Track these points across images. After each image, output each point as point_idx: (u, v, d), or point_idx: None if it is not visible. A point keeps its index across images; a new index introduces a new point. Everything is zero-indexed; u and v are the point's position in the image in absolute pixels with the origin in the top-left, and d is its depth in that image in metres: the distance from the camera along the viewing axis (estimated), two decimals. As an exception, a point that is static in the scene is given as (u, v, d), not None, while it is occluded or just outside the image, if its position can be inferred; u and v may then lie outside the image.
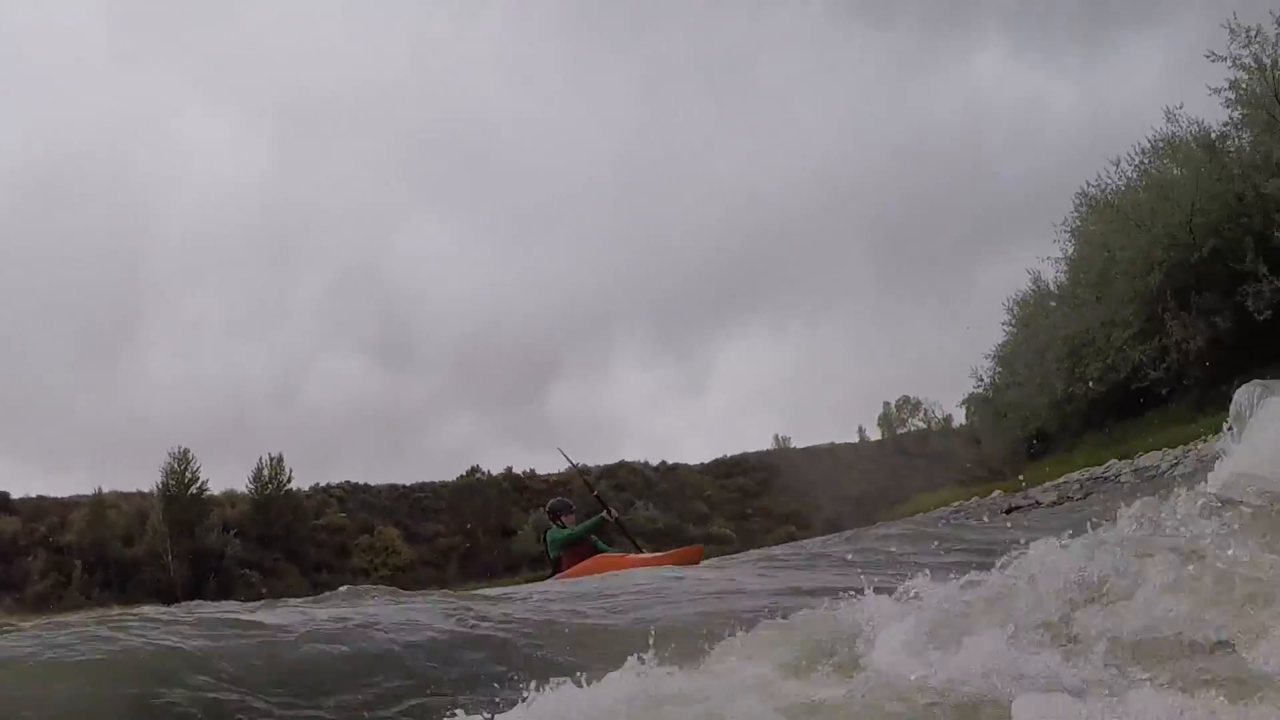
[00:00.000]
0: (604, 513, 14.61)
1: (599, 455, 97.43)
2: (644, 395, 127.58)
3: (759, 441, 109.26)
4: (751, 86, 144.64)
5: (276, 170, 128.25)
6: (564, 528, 14.63)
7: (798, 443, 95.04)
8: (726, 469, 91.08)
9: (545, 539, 14.81)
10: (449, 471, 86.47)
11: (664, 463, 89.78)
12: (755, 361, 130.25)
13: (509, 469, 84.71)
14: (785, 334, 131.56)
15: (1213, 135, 39.17)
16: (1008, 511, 31.27)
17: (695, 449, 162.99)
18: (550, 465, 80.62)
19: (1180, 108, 39.79)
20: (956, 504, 43.14)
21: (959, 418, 78.14)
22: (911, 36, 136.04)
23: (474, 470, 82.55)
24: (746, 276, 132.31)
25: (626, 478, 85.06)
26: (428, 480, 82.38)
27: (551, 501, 15.39)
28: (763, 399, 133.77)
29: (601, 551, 14.46)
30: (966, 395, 63.86)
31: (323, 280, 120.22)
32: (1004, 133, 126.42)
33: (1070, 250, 46.57)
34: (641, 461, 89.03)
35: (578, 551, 14.29)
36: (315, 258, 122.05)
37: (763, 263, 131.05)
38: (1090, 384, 43.39)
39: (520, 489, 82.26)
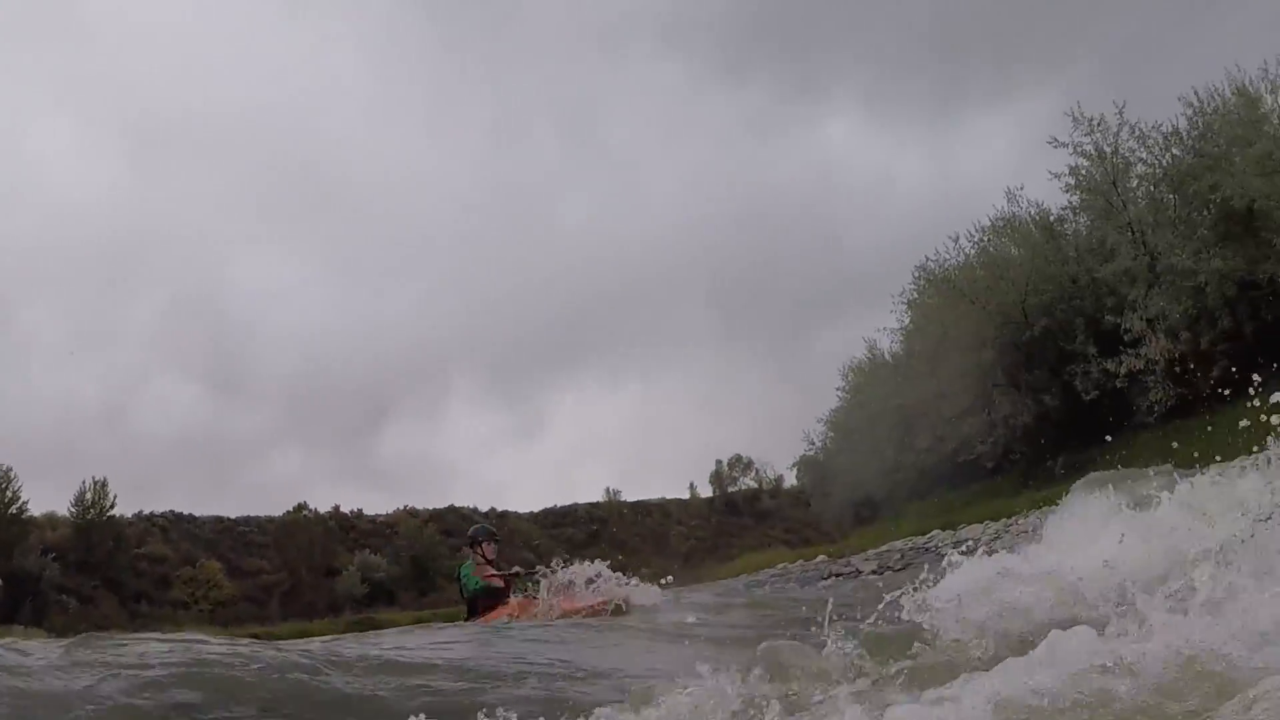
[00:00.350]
0: (534, 570, 12.94)
1: (429, 498, 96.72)
2: (477, 440, 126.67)
3: (590, 493, 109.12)
4: (602, 138, 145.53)
5: (122, 190, 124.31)
6: (485, 561, 13.16)
7: (629, 496, 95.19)
8: (556, 519, 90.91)
9: (459, 572, 13.23)
10: (276, 506, 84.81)
11: (494, 509, 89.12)
12: (591, 412, 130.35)
13: (336, 507, 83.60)
14: (622, 386, 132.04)
15: (1051, 218, 40.22)
16: (826, 578, 31.75)
17: (526, 497, 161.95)
18: (378, 506, 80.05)
19: (1021, 189, 40.84)
20: (781, 566, 43.41)
21: (791, 479, 78.71)
22: (765, 98, 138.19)
23: (301, 507, 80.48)
24: (586, 327, 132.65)
25: (455, 522, 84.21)
26: (253, 514, 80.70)
27: (473, 528, 13.90)
28: (596, 450, 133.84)
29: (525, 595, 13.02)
30: (799, 457, 64.61)
31: (159, 304, 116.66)
32: (851, 201, 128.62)
33: (907, 322, 47.10)
34: (471, 507, 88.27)
35: (498, 595, 12.96)
36: (154, 281, 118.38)
37: (603, 315, 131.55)
38: (919, 454, 44.33)
39: (347, 529, 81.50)
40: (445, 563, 77.24)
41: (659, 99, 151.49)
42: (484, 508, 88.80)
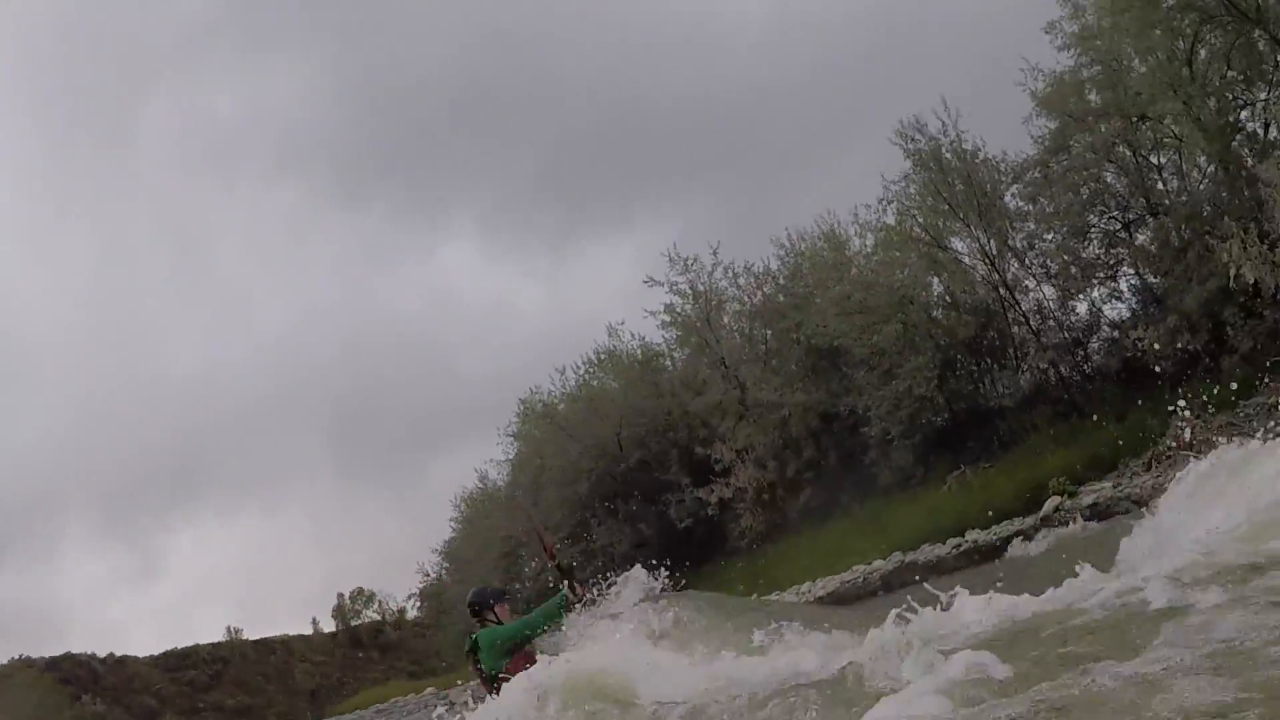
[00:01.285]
0: (566, 589, 9.63)
1: (43, 646, 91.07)
2: (93, 582, 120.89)
3: (212, 632, 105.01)
4: (213, 267, 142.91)
5: None
6: (498, 623, 9.83)
7: (251, 633, 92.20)
8: (177, 661, 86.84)
9: (473, 645, 9.69)
10: None
11: (111, 655, 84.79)
12: (210, 548, 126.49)
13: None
14: (241, 521, 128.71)
15: (651, 352, 41.06)
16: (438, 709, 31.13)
17: (146, 639, 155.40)
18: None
19: (622, 323, 41.89)
20: (394, 700, 42.61)
21: (412, 610, 77.55)
22: (384, 224, 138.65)
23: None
24: (202, 460, 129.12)
25: (73, 670, 79.73)
26: None
27: (471, 593, 10.17)
28: (217, 587, 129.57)
29: None
30: (418, 589, 63.77)
31: None
32: (468, 329, 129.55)
33: (512, 454, 47.32)
34: (88, 654, 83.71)
35: (527, 653, 9.46)
36: None
37: (218, 448, 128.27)
38: (527, 582, 44.26)
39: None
40: (65, 715, 73.24)
41: (273, 225, 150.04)
42: (102, 653, 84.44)
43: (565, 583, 9.58)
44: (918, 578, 8.83)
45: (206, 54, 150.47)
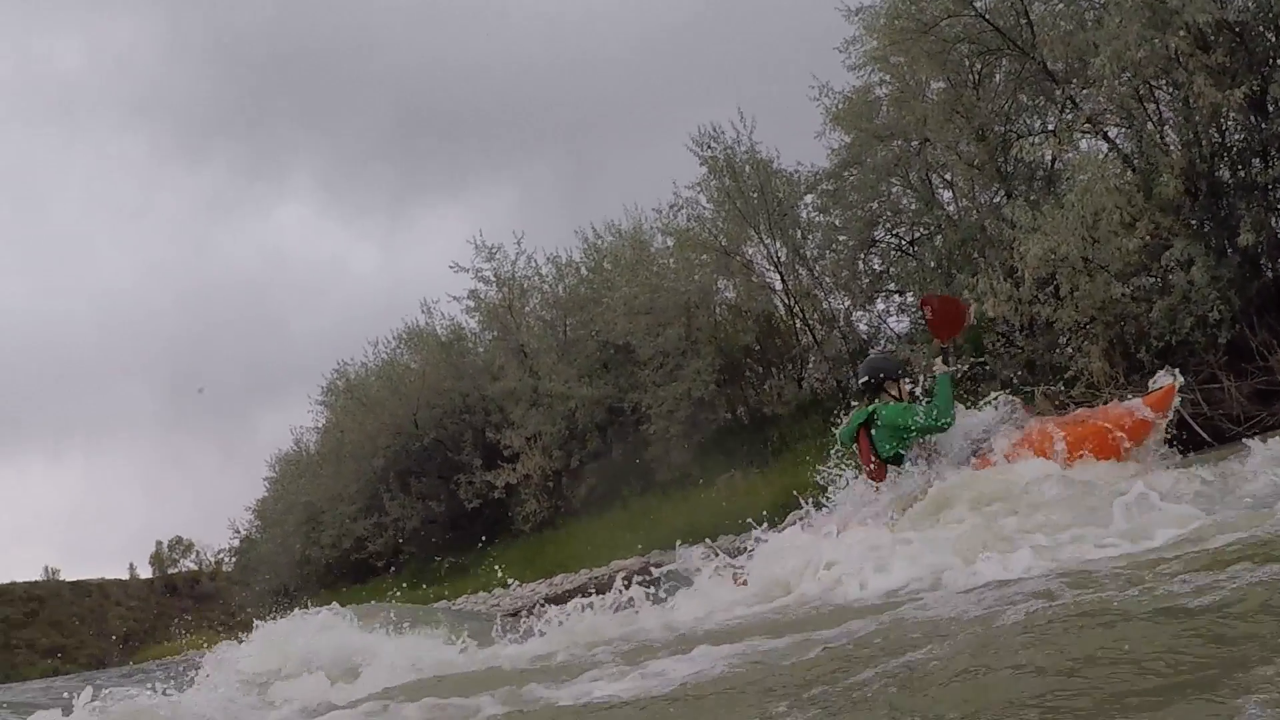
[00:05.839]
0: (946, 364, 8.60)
1: None
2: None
3: (29, 571, 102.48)
4: (52, 215, 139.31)
5: None
6: (898, 402, 8.60)
7: (68, 575, 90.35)
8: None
9: (867, 419, 8.59)
10: None
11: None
12: (30, 488, 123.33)
13: None
14: (64, 466, 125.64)
15: (456, 334, 40.63)
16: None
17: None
18: None
19: (437, 302, 41.61)
20: (187, 653, 42.03)
21: (228, 564, 76.85)
22: (223, 180, 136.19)
23: None
24: (28, 405, 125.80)
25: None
26: None
27: (874, 358, 8.91)
28: (36, 528, 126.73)
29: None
30: (228, 545, 63.37)
31: None
32: (299, 286, 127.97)
33: (321, 421, 46.97)
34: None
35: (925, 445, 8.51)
36: None
37: (46, 394, 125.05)
38: (324, 549, 44.20)
39: None
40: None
41: (115, 178, 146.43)
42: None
43: (941, 359, 8.60)
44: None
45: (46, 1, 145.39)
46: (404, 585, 37.27)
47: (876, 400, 8.65)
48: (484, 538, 33.03)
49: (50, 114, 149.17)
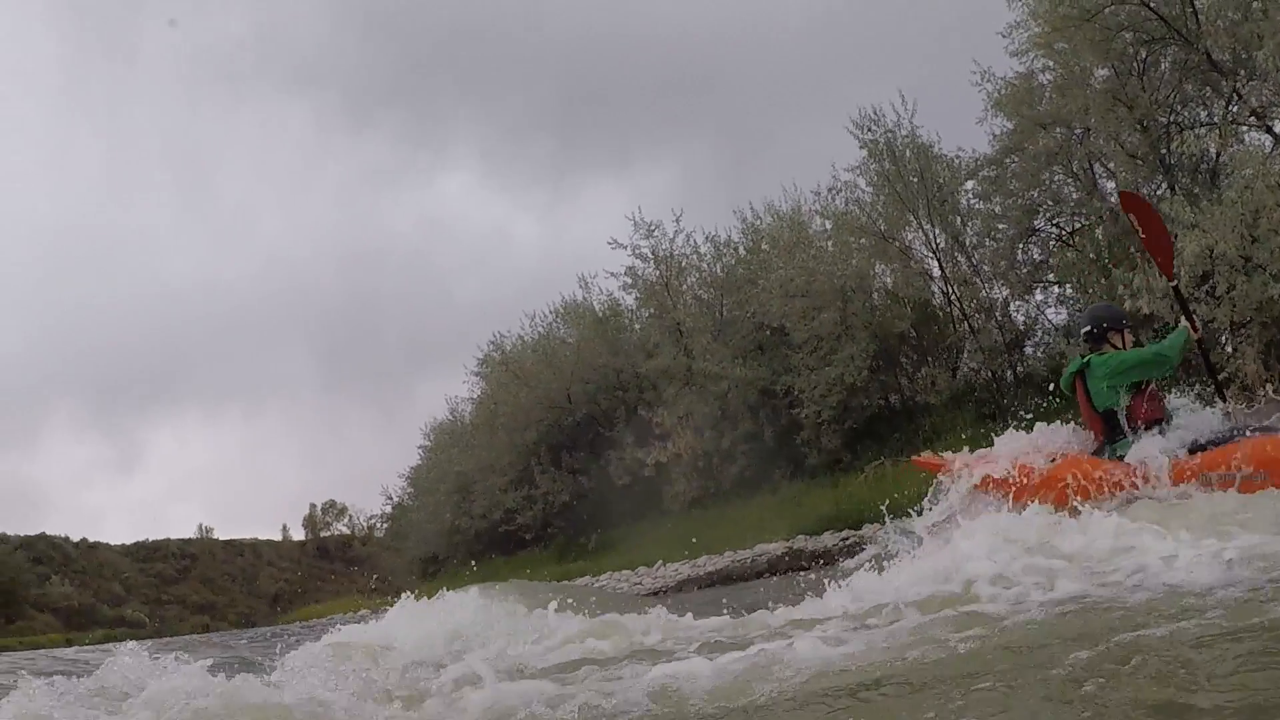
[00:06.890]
0: (1185, 322, 8.14)
1: (18, 524, 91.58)
2: (72, 468, 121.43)
3: (184, 529, 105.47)
4: (219, 182, 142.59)
5: None
6: (1117, 350, 8.05)
7: (222, 534, 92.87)
8: (148, 552, 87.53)
9: (1080, 369, 8.06)
10: None
11: (85, 540, 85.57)
12: (189, 449, 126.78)
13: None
14: (221, 424, 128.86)
15: (613, 311, 40.86)
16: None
17: (119, 529, 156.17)
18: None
19: (595, 277, 41.94)
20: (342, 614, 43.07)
21: (381, 530, 78.08)
22: (385, 150, 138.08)
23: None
24: (191, 366, 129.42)
25: (45, 551, 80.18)
26: None
27: (1097, 308, 8.40)
28: (193, 487, 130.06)
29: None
30: (380, 511, 64.35)
31: None
32: (462, 255, 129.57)
33: (476, 392, 47.49)
34: (62, 536, 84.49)
35: (1152, 394, 7.90)
36: None
37: (208, 356, 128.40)
38: (474, 519, 44.73)
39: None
40: (33, 591, 73.63)
41: (279, 145, 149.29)
42: (75, 537, 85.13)
43: (1183, 316, 8.21)
44: (805, 565, 8.73)
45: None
46: (552, 560, 37.69)
47: (1096, 352, 8.12)
48: (633, 515, 33.21)
49: (216, 83, 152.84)
